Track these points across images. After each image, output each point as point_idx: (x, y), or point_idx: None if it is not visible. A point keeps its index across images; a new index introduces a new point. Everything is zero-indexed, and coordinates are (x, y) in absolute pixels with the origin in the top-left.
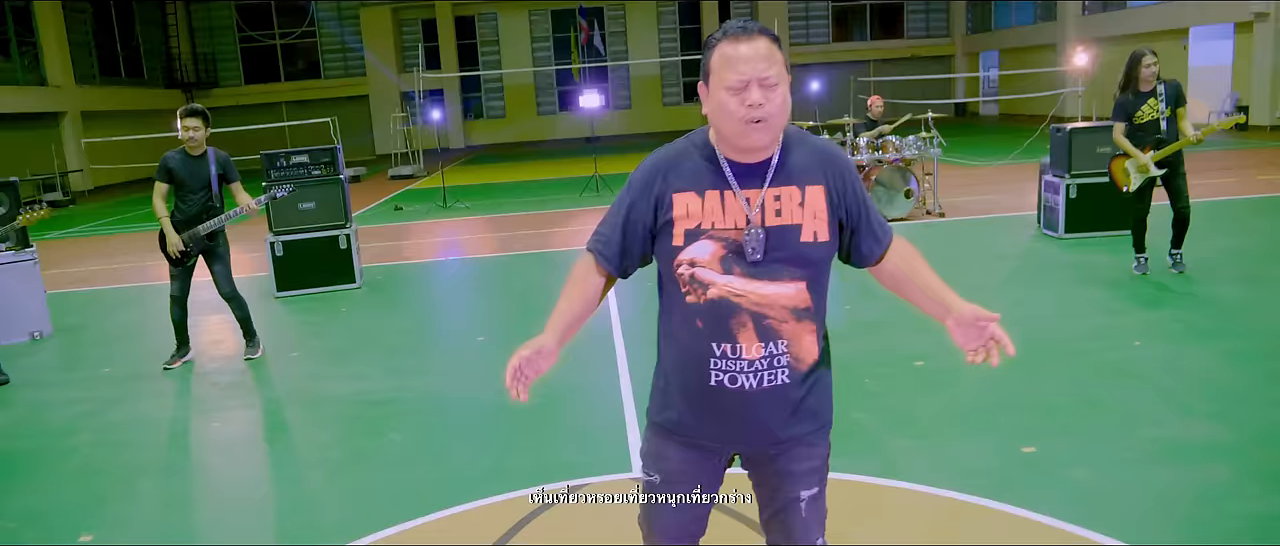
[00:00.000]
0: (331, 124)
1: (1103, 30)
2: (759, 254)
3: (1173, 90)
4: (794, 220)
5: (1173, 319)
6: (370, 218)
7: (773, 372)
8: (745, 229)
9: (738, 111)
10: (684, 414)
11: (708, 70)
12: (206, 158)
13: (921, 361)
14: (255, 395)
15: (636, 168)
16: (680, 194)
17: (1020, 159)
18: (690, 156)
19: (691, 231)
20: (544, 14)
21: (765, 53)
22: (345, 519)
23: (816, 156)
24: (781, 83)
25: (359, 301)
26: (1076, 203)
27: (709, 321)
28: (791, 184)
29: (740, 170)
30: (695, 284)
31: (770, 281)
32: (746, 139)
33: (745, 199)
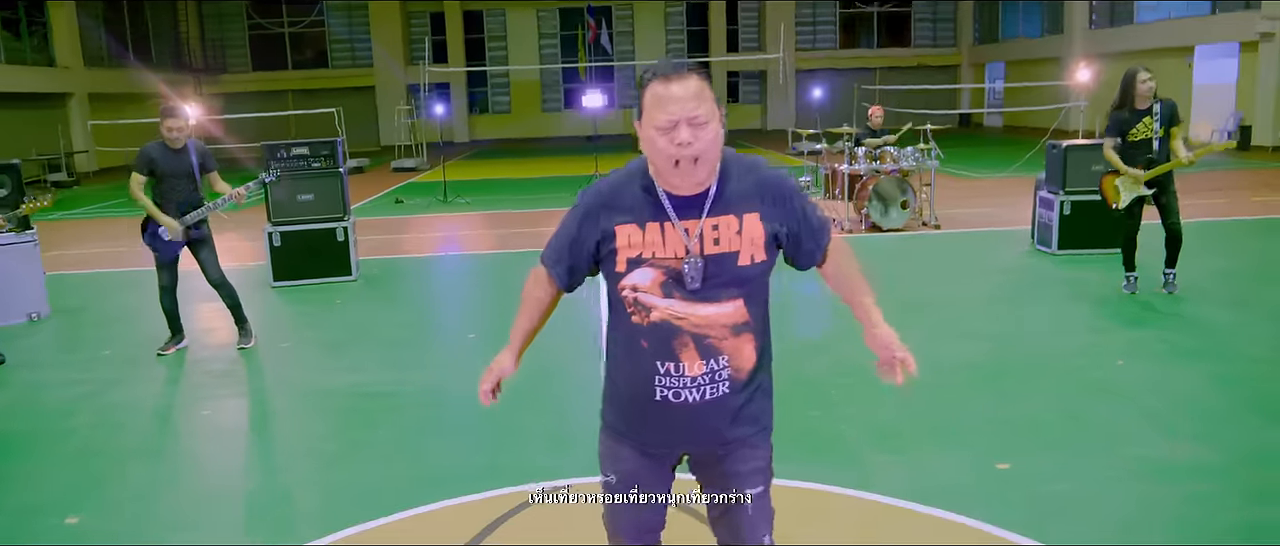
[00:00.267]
0: (336, 114)
1: (1108, 46)
2: (698, 283)
3: (1168, 110)
4: (732, 248)
5: (1158, 339)
6: (371, 210)
7: (714, 386)
8: (685, 257)
9: (667, 150)
10: (632, 421)
11: (640, 109)
12: (187, 149)
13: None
14: (247, 384)
15: (581, 193)
16: (622, 225)
17: (1020, 172)
18: (631, 188)
19: (633, 260)
20: (552, 11)
21: (695, 92)
22: (330, 510)
23: (754, 184)
24: (712, 120)
25: (354, 294)
26: (1070, 219)
27: (653, 342)
28: (729, 213)
29: (678, 202)
30: (639, 306)
31: (710, 304)
32: (676, 176)
33: (684, 230)
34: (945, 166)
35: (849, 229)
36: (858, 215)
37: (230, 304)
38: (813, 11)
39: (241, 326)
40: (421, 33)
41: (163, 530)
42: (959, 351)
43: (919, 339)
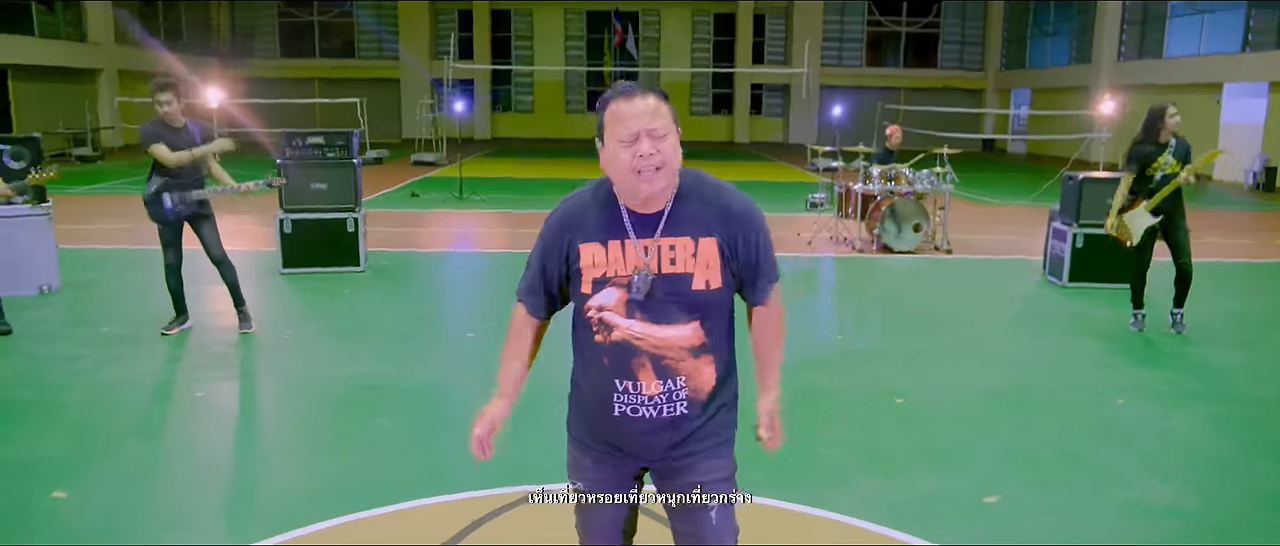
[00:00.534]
0: (360, 105)
1: (1136, 78)
2: (641, 294)
3: (1182, 149)
4: (686, 269)
5: (1161, 378)
6: (386, 201)
7: (671, 405)
8: (636, 273)
9: (629, 162)
10: (594, 431)
11: (601, 127)
12: (187, 129)
13: (902, 398)
14: (245, 369)
15: (547, 217)
16: (586, 245)
17: (1038, 201)
18: (594, 208)
19: (598, 280)
20: (579, 13)
21: (653, 108)
22: (316, 500)
23: (715, 212)
24: (670, 134)
25: (361, 285)
26: (1082, 252)
27: (613, 360)
28: (685, 235)
29: (638, 220)
30: (603, 326)
31: (667, 325)
32: (640, 187)
33: (643, 247)
34: (962, 190)
35: (860, 248)
36: (870, 235)
37: (229, 283)
38: (840, 27)
39: (240, 309)
40: (448, 28)
41: (147, 511)
42: (960, 378)
43: (922, 363)
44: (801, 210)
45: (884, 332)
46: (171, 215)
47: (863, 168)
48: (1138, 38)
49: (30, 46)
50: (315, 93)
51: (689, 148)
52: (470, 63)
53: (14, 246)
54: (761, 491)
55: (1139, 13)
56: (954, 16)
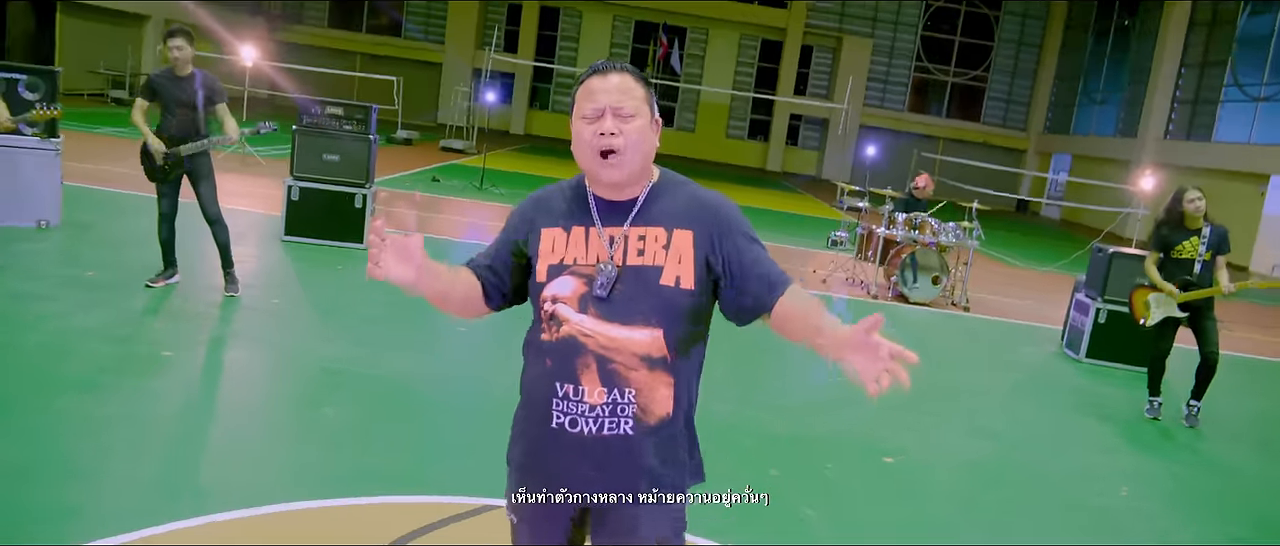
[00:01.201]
0: (396, 84)
1: (1181, 158)
2: (604, 290)
3: (1218, 236)
4: (655, 261)
5: (1169, 473)
6: (406, 182)
7: (614, 420)
8: (599, 264)
9: (590, 140)
10: (530, 455)
11: (571, 105)
12: (192, 78)
13: (892, 458)
14: (218, 333)
15: (527, 198)
16: (548, 229)
17: (1065, 269)
18: (563, 194)
19: (555, 267)
20: (628, 22)
21: (622, 85)
22: (254, 483)
23: (694, 204)
24: (640, 116)
25: (358, 262)
26: (1103, 328)
27: (556, 360)
28: (657, 225)
29: (605, 207)
30: (552, 321)
31: (622, 325)
32: (600, 171)
33: (609, 237)
34: (988, 248)
35: (875, 294)
36: (887, 281)
37: (221, 244)
38: (887, 69)
39: (227, 271)
40: (496, 19)
41: (63, 469)
42: (957, 446)
43: (919, 423)
44: (822, 247)
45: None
46: (157, 171)
47: (887, 212)
48: (1187, 117)
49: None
50: (357, 67)
51: (719, 170)
52: (513, 57)
53: (17, 178)
54: (720, 536)
55: (1191, 92)
56: (1003, 72)
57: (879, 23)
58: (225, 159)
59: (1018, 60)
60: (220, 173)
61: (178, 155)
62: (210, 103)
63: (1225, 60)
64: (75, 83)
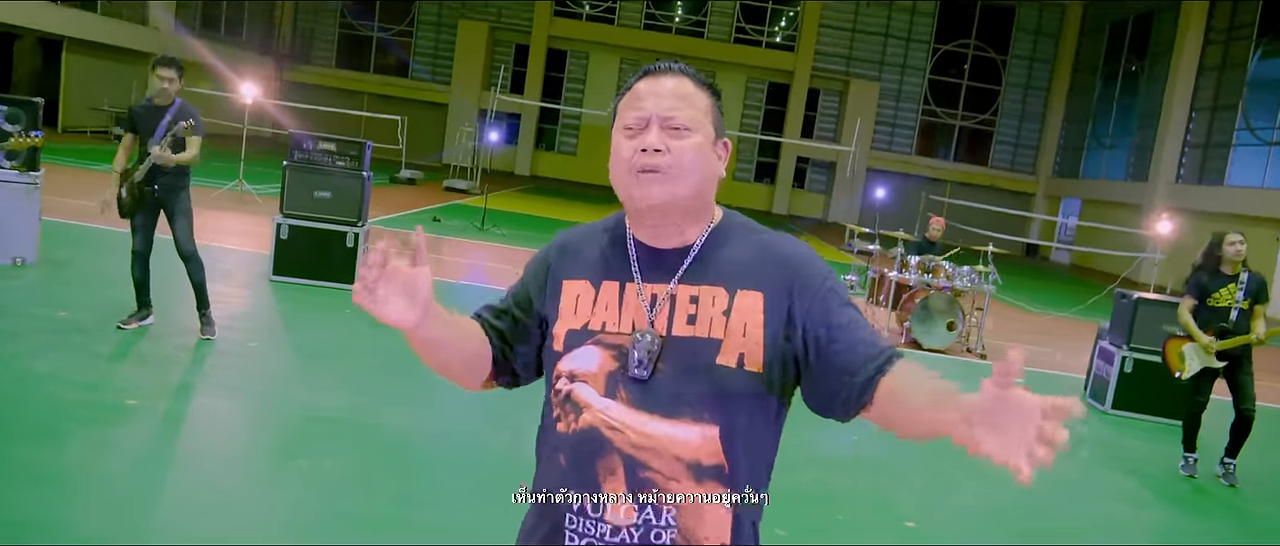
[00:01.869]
0: (401, 123)
1: (1193, 202)
2: (644, 369)
3: (1256, 283)
4: (711, 332)
5: (1202, 530)
6: (406, 221)
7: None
8: (636, 333)
9: (627, 156)
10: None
11: (612, 117)
12: (169, 109)
13: (913, 523)
14: (188, 379)
15: (551, 241)
16: (572, 281)
17: (1080, 315)
18: (595, 237)
19: (576, 333)
20: (635, 65)
21: (678, 90)
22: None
23: (766, 256)
24: (697, 132)
25: (348, 304)
26: (1130, 378)
27: (572, 460)
28: (716, 284)
29: (648, 257)
30: (569, 406)
31: (663, 417)
32: (634, 189)
33: (650, 296)
34: (1000, 294)
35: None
36: (899, 327)
37: (195, 282)
38: (894, 113)
39: (202, 312)
40: (502, 60)
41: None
42: (977, 506)
43: (938, 483)
44: None
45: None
46: (121, 203)
47: (900, 255)
48: (1198, 161)
49: (90, 22)
50: (364, 106)
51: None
52: (519, 98)
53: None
54: None
55: (1202, 136)
56: (1011, 116)
57: (886, 67)
58: (220, 197)
59: (1026, 104)
60: (214, 210)
61: (134, 183)
62: (174, 124)
63: (1236, 104)
64: (80, 119)
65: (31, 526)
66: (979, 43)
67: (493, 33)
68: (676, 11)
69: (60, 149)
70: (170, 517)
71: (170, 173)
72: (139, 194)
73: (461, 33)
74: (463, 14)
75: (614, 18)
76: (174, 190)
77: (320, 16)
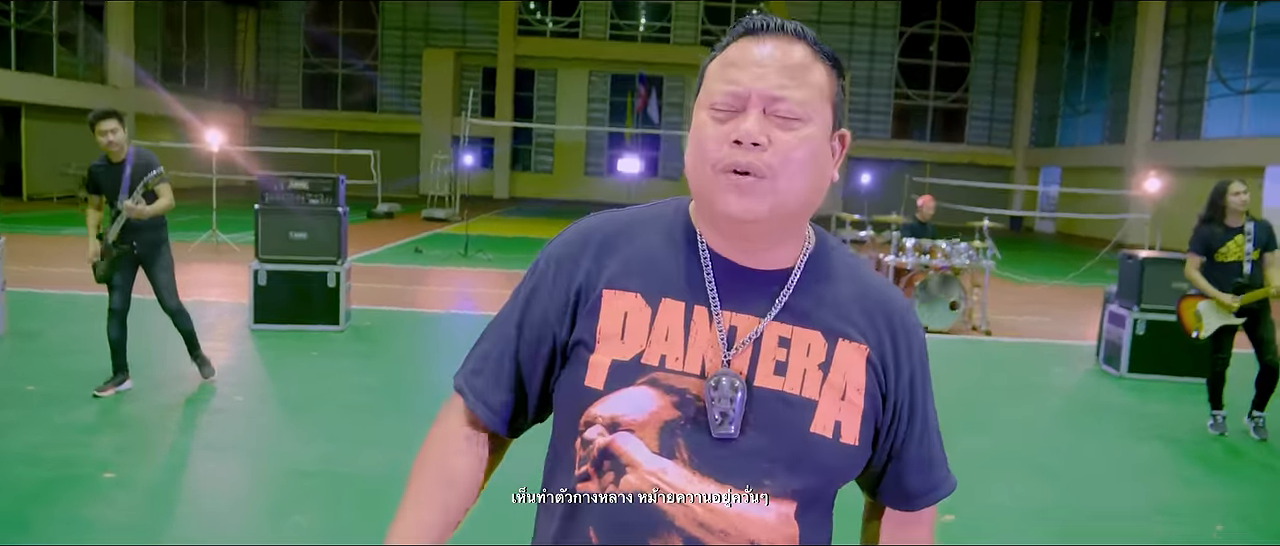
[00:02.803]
0: (373, 157)
1: (1173, 159)
2: (733, 426)
3: (1264, 231)
4: (803, 391)
5: (1260, 499)
6: (388, 256)
7: None
8: (713, 376)
9: (712, 148)
10: None
11: (699, 87)
12: (125, 162)
13: (951, 516)
14: (172, 444)
15: (561, 233)
16: (619, 292)
17: (1076, 282)
18: (649, 233)
19: (624, 367)
20: (604, 77)
21: (787, 60)
22: None
23: (868, 298)
24: (813, 122)
25: (336, 347)
26: (1144, 340)
27: (608, 534)
28: (814, 325)
29: (731, 275)
30: (607, 462)
31: (736, 486)
32: (719, 196)
33: (728, 327)
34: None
35: None
36: None
37: (185, 332)
38: (867, 100)
39: (196, 356)
40: (471, 84)
41: None
42: (1017, 493)
43: (971, 472)
44: None
45: None
46: (99, 269)
47: (895, 239)
48: (1175, 118)
49: (47, 86)
50: (335, 144)
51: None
52: (491, 121)
53: None
54: None
55: (1175, 92)
56: (983, 92)
57: (855, 54)
58: (196, 249)
59: (996, 79)
60: (190, 263)
61: (105, 241)
62: (139, 178)
63: (1206, 58)
64: (45, 186)
65: None
66: (944, 22)
67: (459, 58)
68: (641, 19)
69: (26, 217)
70: None
71: (147, 226)
72: (116, 254)
73: (427, 61)
74: (427, 43)
75: (579, 31)
76: (154, 246)
77: (283, 59)
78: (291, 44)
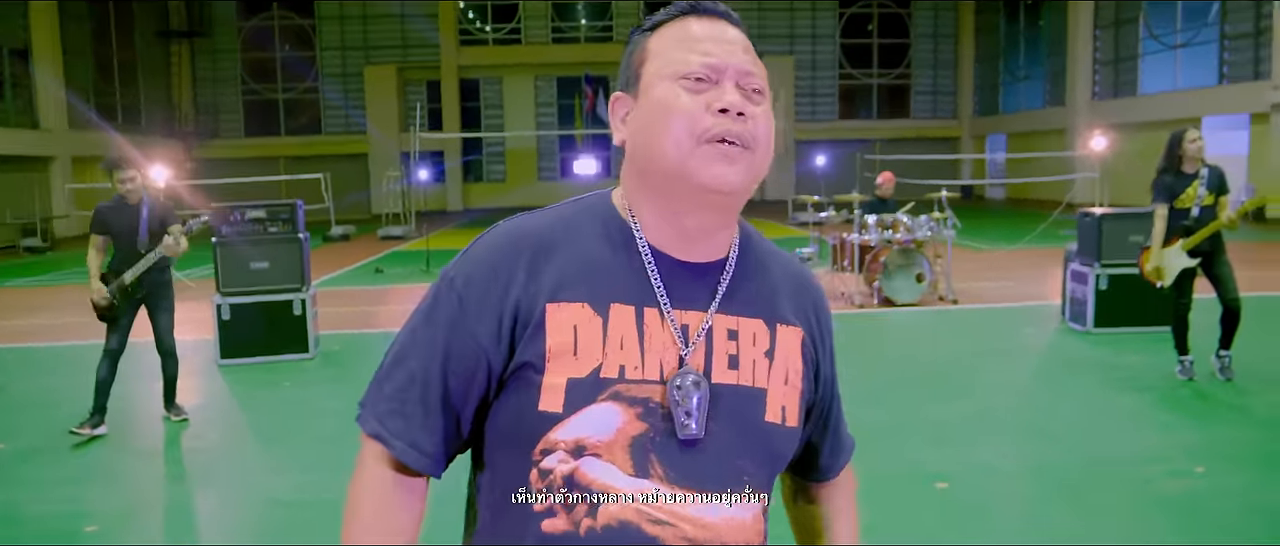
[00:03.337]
0: (323, 180)
1: (1113, 117)
2: (697, 427)
3: (1216, 177)
4: (754, 381)
5: (1235, 439)
6: (348, 279)
7: None
8: (673, 376)
9: (698, 117)
10: None
11: (639, 62)
12: (142, 204)
13: (945, 483)
14: (150, 489)
15: (471, 246)
16: (562, 304)
17: (1032, 244)
18: (583, 234)
19: (582, 384)
20: (549, 80)
21: (742, 41)
22: None
23: (793, 279)
24: (768, 103)
25: (307, 375)
26: (1107, 294)
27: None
28: (755, 314)
29: (674, 271)
30: (576, 493)
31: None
32: (706, 174)
33: (680, 327)
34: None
35: (860, 303)
36: (869, 288)
37: (170, 377)
38: (811, 83)
39: (171, 403)
40: (416, 98)
41: None
42: (1004, 455)
43: (957, 438)
44: None
45: (905, 400)
46: (104, 304)
47: (858, 217)
48: (1112, 77)
49: None
50: (282, 170)
51: None
52: (440, 134)
53: None
54: None
55: (1110, 51)
56: (925, 67)
57: (796, 38)
58: None
59: (937, 52)
60: None
61: (123, 283)
62: (163, 226)
63: (1137, 16)
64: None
65: None
66: (882, 0)
67: (401, 73)
68: (581, 20)
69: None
70: None
71: (155, 268)
72: (129, 294)
73: (369, 79)
74: (368, 60)
75: (521, 37)
76: (160, 285)
77: (221, 88)
78: (229, 72)
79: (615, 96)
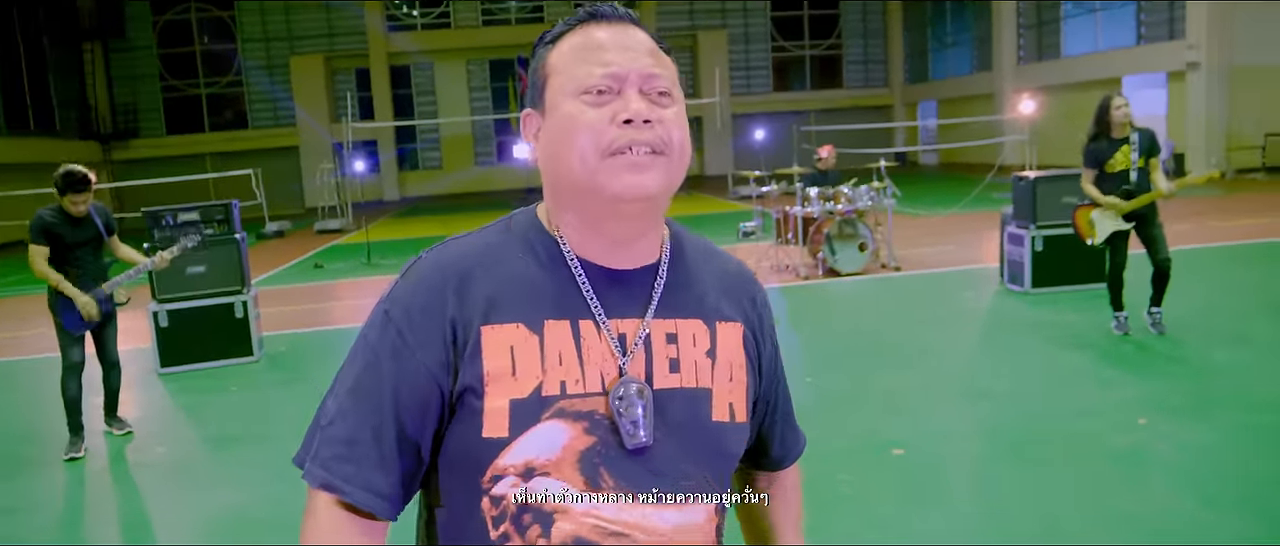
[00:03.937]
0: (253, 176)
1: (1038, 79)
2: (645, 434)
3: (1146, 139)
4: (698, 381)
5: (1173, 390)
6: (288, 277)
7: None
8: (615, 386)
9: (600, 132)
10: None
11: (543, 78)
12: (90, 217)
13: (901, 449)
14: (103, 512)
15: (400, 279)
16: (498, 326)
17: (968, 208)
18: (511, 254)
19: (525, 404)
20: (482, 64)
21: (646, 44)
22: None
23: (729, 274)
24: (679, 103)
25: (254, 378)
26: (1043, 255)
27: None
28: (693, 315)
29: (606, 281)
30: (527, 516)
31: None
32: (618, 185)
33: (617, 336)
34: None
35: (805, 275)
36: (814, 259)
37: (113, 389)
38: (746, 56)
39: (112, 416)
40: (346, 88)
41: None
42: (955, 419)
43: (909, 404)
44: (734, 241)
45: (856, 370)
46: (83, 328)
47: (800, 190)
48: (1035, 41)
49: None
50: (208, 168)
51: None
52: (372, 123)
53: None
54: None
55: (1033, 16)
56: (855, 37)
57: (728, 13)
58: None
59: (866, 21)
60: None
61: (103, 294)
62: (109, 232)
63: None
64: None
65: None
66: None
67: (329, 62)
68: (511, 1)
69: None
70: None
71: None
72: (106, 309)
73: (295, 69)
74: (293, 50)
75: (450, 21)
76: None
77: (139, 86)
78: (147, 70)
79: (526, 113)
